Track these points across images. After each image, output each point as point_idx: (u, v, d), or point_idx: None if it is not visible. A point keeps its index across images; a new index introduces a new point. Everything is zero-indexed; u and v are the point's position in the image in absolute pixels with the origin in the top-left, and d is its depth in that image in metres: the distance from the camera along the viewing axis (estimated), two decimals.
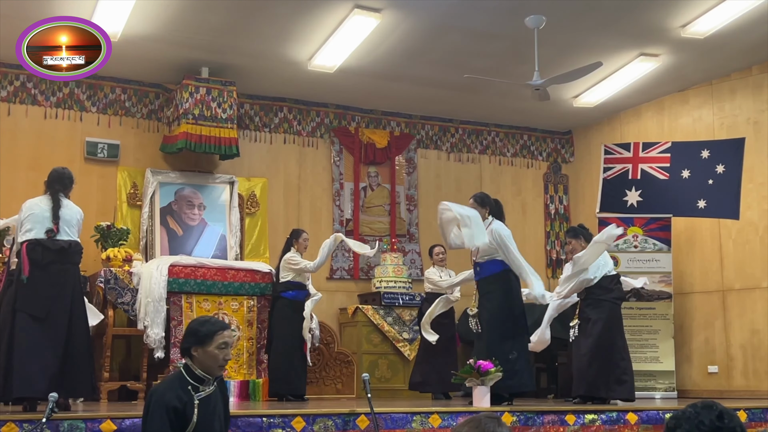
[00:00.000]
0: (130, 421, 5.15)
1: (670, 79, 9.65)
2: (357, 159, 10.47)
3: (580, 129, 11.43)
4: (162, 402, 3.62)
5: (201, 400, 3.71)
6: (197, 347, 3.74)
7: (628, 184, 9.76)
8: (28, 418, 5.05)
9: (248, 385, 8.04)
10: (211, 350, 3.73)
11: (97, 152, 9.16)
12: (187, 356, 3.79)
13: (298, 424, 5.51)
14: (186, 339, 3.80)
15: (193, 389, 3.71)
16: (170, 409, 3.61)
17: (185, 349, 3.79)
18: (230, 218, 9.39)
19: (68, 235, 6.04)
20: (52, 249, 5.93)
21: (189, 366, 3.77)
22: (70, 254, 6.04)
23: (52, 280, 5.91)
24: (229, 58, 8.93)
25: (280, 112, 10.17)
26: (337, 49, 8.63)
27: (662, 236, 9.58)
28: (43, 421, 4.79)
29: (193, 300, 8.06)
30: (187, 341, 3.78)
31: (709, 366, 9.56)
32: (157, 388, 3.79)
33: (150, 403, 3.68)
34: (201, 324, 3.82)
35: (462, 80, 8.82)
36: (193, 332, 3.78)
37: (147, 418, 3.65)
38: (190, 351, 3.76)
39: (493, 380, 6.53)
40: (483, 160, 11.21)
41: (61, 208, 6.09)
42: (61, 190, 6.18)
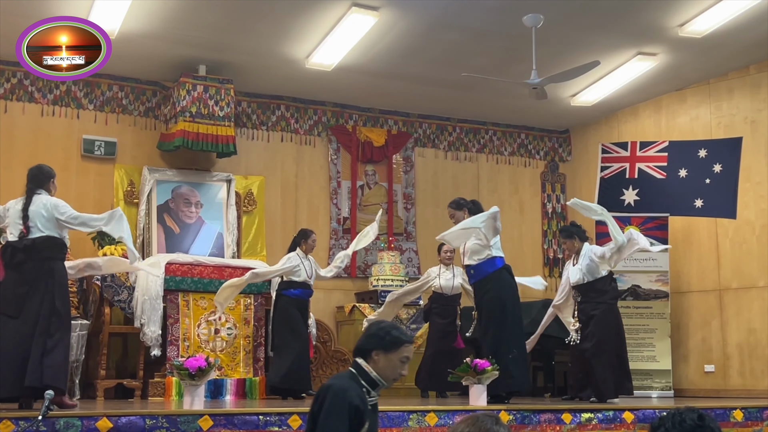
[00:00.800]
0: (126, 419, 5.15)
1: (667, 78, 9.65)
2: (354, 157, 10.47)
3: (578, 128, 11.44)
4: (344, 398, 3.38)
5: (372, 406, 3.52)
6: (380, 351, 3.51)
7: (625, 183, 9.77)
8: (24, 415, 5.04)
9: (245, 383, 8.03)
10: (393, 359, 3.52)
11: (94, 150, 9.15)
12: (365, 357, 3.55)
13: (294, 422, 5.51)
14: (369, 339, 3.57)
15: (366, 392, 3.51)
16: (352, 408, 3.37)
17: (366, 350, 3.55)
18: (227, 216, 9.39)
19: (40, 231, 5.93)
20: (19, 248, 5.91)
21: (363, 368, 3.54)
22: (40, 249, 5.91)
23: (23, 278, 5.86)
24: (226, 56, 8.92)
25: (278, 110, 10.17)
26: (334, 48, 8.63)
27: (659, 235, 9.56)
28: (39, 418, 4.78)
29: (189, 298, 8.05)
30: (370, 342, 3.55)
31: (705, 365, 9.57)
32: (334, 383, 3.48)
33: (327, 397, 3.41)
34: (390, 329, 3.58)
35: (459, 79, 8.82)
36: (378, 335, 3.55)
37: (327, 414, 3.38)
38: (371, 353, 3.54)
39: (489, 379, 6.53)
40: (480, 159, 11.21)
41: (30, 206, 5.98)
42: (36, 187, 6.09)
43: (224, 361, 7.96)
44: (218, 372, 7.29)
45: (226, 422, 5.37)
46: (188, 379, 5.76)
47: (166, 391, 7.66)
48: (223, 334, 8.12)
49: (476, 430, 2.45)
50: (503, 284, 7.02)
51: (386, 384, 3.55)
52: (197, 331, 8.02)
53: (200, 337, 8.02)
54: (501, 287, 6.99)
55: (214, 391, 7.74)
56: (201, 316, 8.08)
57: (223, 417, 5.40)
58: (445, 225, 10.58)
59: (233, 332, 8.16)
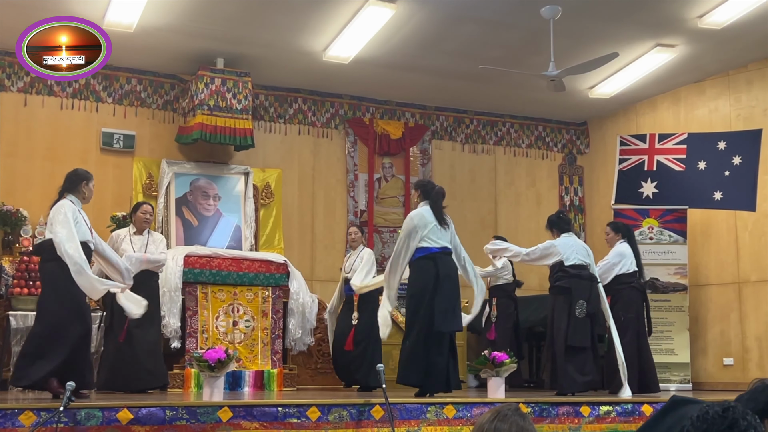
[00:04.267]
0: (147, 410, 5.18)
1: (686, 70, 9.59)
2: (371, 150, 10.47)
3: (596, 120, 11.39)
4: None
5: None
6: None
7: (643, 176, 9.72)
8: (45, 406, 5.09)
9: (263, 374, 8.07)
10: None
11: (113, 143, 9.20)
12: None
13: (313, 414, 5.53)
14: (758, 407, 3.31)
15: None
16: None
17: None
18: (245, 209, 9.42)
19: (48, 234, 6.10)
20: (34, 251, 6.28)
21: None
22: (41, 252, 6.19)
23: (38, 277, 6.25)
24: (244, 49, 8.94)
25: (295, 103, 10.18)
26: (352, 40, 8.63)
27: (678, 228, 9.54)
28: (60, 409, 4.83)
29: (208, 290, 8.09)
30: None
31: (724, 358, 9.52)
32: None
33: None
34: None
35: (477, 71, 8.80)
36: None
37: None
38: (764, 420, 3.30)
39: (508, 371, 6.54)
40: (497, 152, 11.18)
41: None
42: (66, 190, 6.19)
43: (242, 353, 7.99)
44: (237, 364, 7.32)
45: (245, 414, 5.40)
46: (208, 370, 5.79)
47: (186, 382, 7.71)
48: (241, 326, 8.16)
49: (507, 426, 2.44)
50: (417, 272, 6.73)
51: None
52: (216, 323, 8.06)
53: (219, 329, 8.06)
54: (414, 276, 6.75)
55: (232, 382, 7.77)
56: (219, 308, 8.12)
57: (242, 408, 5.43)
58: (462, 219, 10.62)
59: (251, 324, 8.20)
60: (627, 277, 7.89)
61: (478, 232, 10.25)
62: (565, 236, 7.64)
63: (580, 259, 7.51)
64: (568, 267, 7.46)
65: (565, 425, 6.12)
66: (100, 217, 8.64)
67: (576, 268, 7.46)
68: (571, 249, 7.53)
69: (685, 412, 3.29)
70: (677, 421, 3.26)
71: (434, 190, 6.92)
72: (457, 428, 5.90)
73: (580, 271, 7.47)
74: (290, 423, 5.48)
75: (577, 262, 7.49)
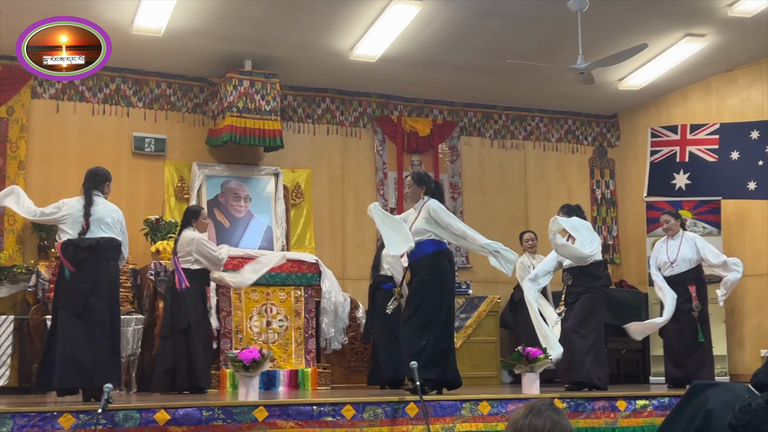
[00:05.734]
0: (183, 411, 5.23)
1: (717, 60, 9.48)
2: (400, 148, 10.47)
3: (626, 112, 11.30)
4: None
5: None
6: None
7: (676, 167, 9.63)
8: (84, 408, 5.15)
9: (297, 374, 8.11)
10: None
11: (144, 147, 9.29)
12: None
13: (347, 412, 5.55)
14: None
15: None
16: None
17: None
18: (276, 209, 9.47)
19: (102, 232, 6.17)
20: (82, 247, 6.11)
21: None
22: (101, 250, 6.16)
23: (86, 277, 6.08)
24: (271, 51, 8.98)
25: (323, 103, 10.21)
26: (378, 38, 8.63)
27: (712, 219, 9.43)
28: (98, 411, 4.90)
29: (241, 291, 8.14)
30: None
31: (762, 350, 9.40)
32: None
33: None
34: None
35: (504, 66, 8.76)
36: None
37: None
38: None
39: (542, 367, 6.51)
40: (527, 146, 11.13)
41: (93, 206, 6.22)
42: (93, 187, 6.31)
43: (276, 353, 8.03)
44: (271, 364, 7.36)
45: (280, 413, 5.43)
46: (243, 370, 5.83)
47: (221, 382, 7.77)
48: (274, 326, 8.21)
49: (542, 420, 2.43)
50: (436, 267, 6.47)
51: None
52: (249, 324, 8.12)
53: (252, 329, 8.12)
54: (433, 270, 6.46)
55: (267, 382, 7.83)
56: (253, 309, 8.17)
57: (277, 407, 5.46)
58: (493, 215, 10.60)
59: (284, 324, 8.24)
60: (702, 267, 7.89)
61: (508, 229, 10.21)
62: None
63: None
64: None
65: (601, 420, 6.09)
66: (133, 221, 8.71)
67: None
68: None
69: (705, 397, 3.26)
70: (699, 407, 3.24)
71: (438, 185, 6.87)
72: (492, 424, 5.89)
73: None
74: (325, 421, 5.51)
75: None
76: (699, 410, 3.25)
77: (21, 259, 8.49)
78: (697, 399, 3.29)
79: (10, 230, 8.57)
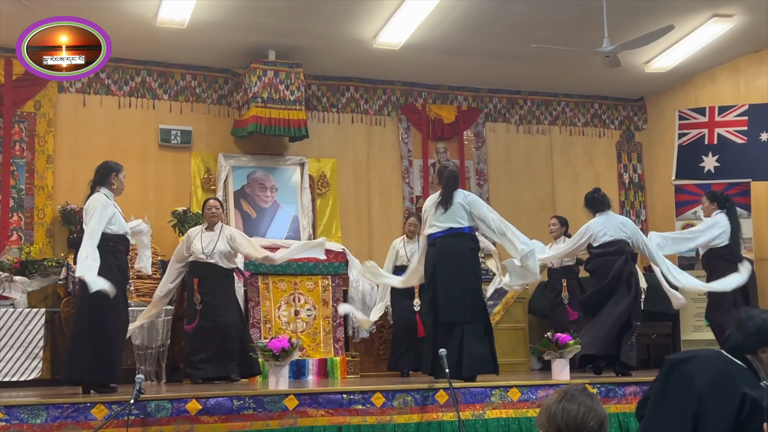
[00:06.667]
0: (215, 401, 5.27)
1: (745, 40, 9.34)
2: (425, 135, 10.44)
3: (653, 95, 11.18)
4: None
5: None
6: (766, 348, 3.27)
7: (704, 150, 9.52)
8: (116, 399, 5.21)
9: (326, 362, 8.14)
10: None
11: (171, 139, 9.33)
12: (751, 355, 3.29)
13: (377, 400, 5.56)
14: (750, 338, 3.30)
15: None
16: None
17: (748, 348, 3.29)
18: (302, 199, 9.48)
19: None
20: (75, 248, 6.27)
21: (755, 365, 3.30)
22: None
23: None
24: (294, 40, 8.98)
25: (347, 92, 10.20)
26: (401, 26, 8.60)
27: (741, 202, 9.30)
28: (131, 402, 4.94)
29: (269, 281, 8.17)
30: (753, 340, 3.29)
31: None
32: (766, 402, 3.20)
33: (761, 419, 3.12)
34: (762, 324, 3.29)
35: (529, 51, 8.70)
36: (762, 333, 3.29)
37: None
38: (756, 351, 3.28)
39: (572, 352, 6.48)
40: (553, 131, 11.06)
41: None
42: (97, 182, 6.26)
43: (305, 342, 8.06)
44: (300, 353, 7.39)
45: (311, 401, 5.46)
46: (272, 360, 5.86)
47: None
48: (303, 315, 8.23)
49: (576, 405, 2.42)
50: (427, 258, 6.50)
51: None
52: (278, 313, 8.15)
53: (281, 319, 8.15)
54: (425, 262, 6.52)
55: (296, 371, 7.86)
56: (281, 299, 8.20)
57: (307, 396, 5.49)
58: (519, 201, 10.55)
59: (313, 313, 8.27)
60: (721, 250, 7.74)
61: (536, 215, 10.16)
62: (598, 216, 7.44)
63: (611, 236, 7.25)
64: (595, 248, 7.30)
65: (632, 405, 6.04)
66: (161, 214, 8.79)
67: (603, 247, 7.26)
68: (603, 228, 7.34)
69: (689, 374, 3.24)
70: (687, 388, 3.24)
71: (445, 171, 6.67)
72: (522, 411, 5.88)
73: (607, 248, 7.25)
74: (355, 409, 5.52)
75: (607, 239, 7.24)
76: (688, 393, 3.22)
77: (51, 252, 8.56)
78: (679, 376, 3.26)
79: (40, 224, 8.66)
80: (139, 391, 4.97)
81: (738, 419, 3.10)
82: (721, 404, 3.14)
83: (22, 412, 4.95)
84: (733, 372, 3.25)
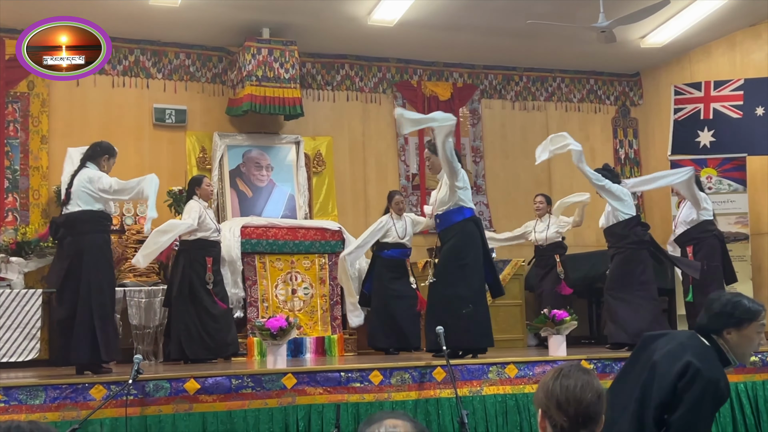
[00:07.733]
0: (213, 380, 5.29)
1: (740, 14, 9.31)
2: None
3: (649, 70, 11.15)
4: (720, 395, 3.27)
5: None
6: (731, 329, 3.35)
7: (700, 125, 9.51)
8: (115, 379, 5.23)
9: (324, 341, 8.16)
10: (749, 333, 3.34)
11: (165, 118, 9.30)
12: (716, 336, 3.38)
13: (375, 377, 5.59)
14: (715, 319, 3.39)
15: None
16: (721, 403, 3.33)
17: (715, 330, 3.38)
18: (297, 178, 9.47)
19: (78, 206, 6.08)
20: (59, 222, 6.12)
21: (720, 345, 3.37)
22: (76, 224, 6.06)
23: (64, 254, 6.07)
24: (289, 18, 8.92)
25: (342, 70, 10.16)
26: (396, 3, 8.56)
27: (737, 176, 9.33)
28: (129, 382, 4.96)
29: (266, 260, 8.18)
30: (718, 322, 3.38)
31: None
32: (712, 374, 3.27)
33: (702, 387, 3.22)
34: (737, 303, 3.37)
35: (524, 27, 8.66)
36: (725, 313, 3.36)
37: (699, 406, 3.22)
38: (721, 332, 3.37)
39: (568, 329, 6.51)
40: (549, 107, 11.03)
41: (76, 177, 6.16)
42: (88, 158, 6.26)
43: (303, 321, 8.09)
44: (298, 331, 7.42)
45: (309, 380, 5.48)
46: (270, 339, 5.88)
47: (249, 351, 7.83)
48: (300, 294, 8.25)
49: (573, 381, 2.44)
50: (466, 234, 6.58)
51: (743, 363, 3.44)
52: (275, 292, 8.17)
53: (278, 297, 8.17)
54: (462, 237, 6.56)
55: (294, 349, 7.89)
56: (278, 277, 8.21)
57: (306, 375, 5.51)
58: (516, 178, 10.54)
59: (310, 292, 8.28)
60: (708, 224, 7.89)
61: (532, 191, 10.12)
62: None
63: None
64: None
65: None
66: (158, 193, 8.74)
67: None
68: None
69: (654, 347, 3.38)
70: (648, 359, 3.40)
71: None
72: (519, 387, 5.92)
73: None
74: (353, 387, 5.55)
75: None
76: (647, 362, 3.40)
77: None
78: (648, 349, 3.43)
79: (36, 204, 8.64)
80: (138, 371, 4.98)
81: (677, 384, 3.23)
82: (665, 370, 3.29)
83: (21, 393, 4.96)
84: (692, 345, 3.38)
